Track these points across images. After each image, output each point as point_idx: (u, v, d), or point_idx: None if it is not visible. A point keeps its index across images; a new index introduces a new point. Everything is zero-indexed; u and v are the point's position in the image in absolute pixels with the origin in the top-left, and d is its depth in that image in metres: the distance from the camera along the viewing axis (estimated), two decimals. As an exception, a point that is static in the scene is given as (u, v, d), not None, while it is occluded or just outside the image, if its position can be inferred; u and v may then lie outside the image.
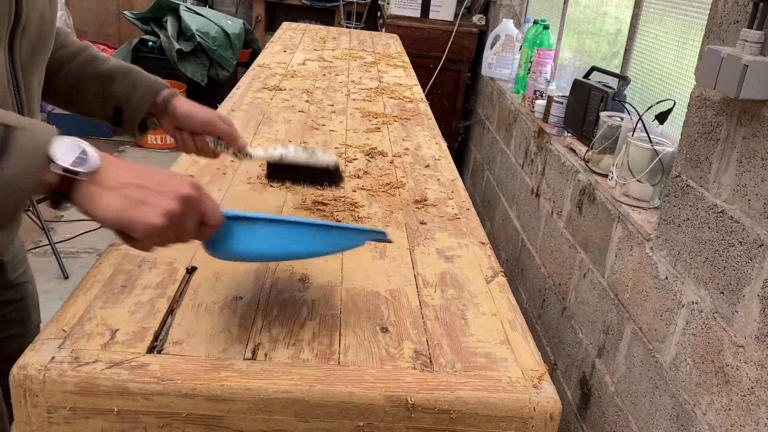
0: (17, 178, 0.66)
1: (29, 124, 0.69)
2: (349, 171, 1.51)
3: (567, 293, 2.00)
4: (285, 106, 1.96)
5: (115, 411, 0.80)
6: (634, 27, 2.10)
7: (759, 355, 1.11)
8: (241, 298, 0.98)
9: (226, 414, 0.81)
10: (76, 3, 4.85)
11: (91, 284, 0.97)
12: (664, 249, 1.44)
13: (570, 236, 2.03)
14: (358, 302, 1.00)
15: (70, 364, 0.80)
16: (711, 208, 1.28)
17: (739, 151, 1.21)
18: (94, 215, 0.71)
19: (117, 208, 0.70)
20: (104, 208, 0.70)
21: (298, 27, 3.42)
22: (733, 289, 1.20)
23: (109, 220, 0.71)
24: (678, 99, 1.67)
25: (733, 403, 1.17)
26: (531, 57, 2.63)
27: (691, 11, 1.75)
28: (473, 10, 3.98)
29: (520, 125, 2.71)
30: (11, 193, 0.66)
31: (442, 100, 3.87)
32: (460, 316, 1.00)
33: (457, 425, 0.83)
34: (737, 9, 1.26)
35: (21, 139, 0.66)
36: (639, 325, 1.52)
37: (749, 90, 1.13)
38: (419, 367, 0.87)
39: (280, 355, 0.86)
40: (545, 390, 0.86)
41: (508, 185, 2.86)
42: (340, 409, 0.82)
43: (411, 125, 1.91)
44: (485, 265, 1.16)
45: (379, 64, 2.70)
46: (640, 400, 1.49)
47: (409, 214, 1.32)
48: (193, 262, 1.05)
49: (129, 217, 0.71)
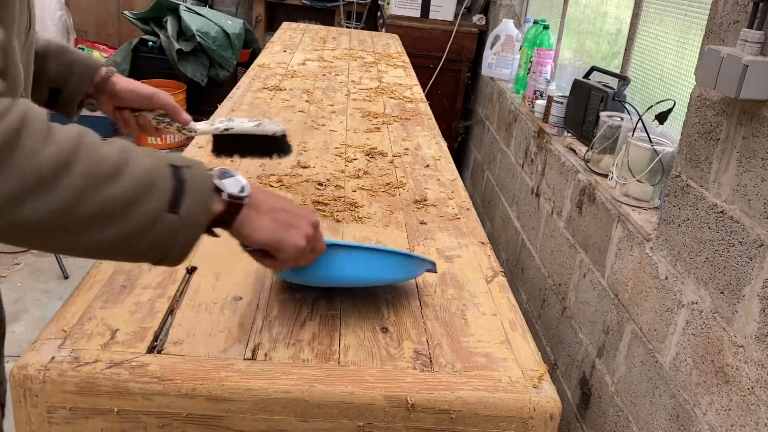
0: (197, 213, 0.69)
1: (184, 160, 0.71)
2: (349, 171, 1.51)
3: (567, 293, 2.00)
4: (285, 106, 1.96)
5: (115, 411, 0.80)
6: (634, 27, 2.09)
7: (759, 355, 1.11)
8: (241, 298, 0.98)
9: (226, 414, 0.81)
10: (76, 3, 4.85)
11: (91, 284, 0.97)
12: (664, 249, 1.44)
13: (570, 236, 2.03)
14: (358, 302, 1.00)
15: (70, 364, 0.80)
16: (711, 208, 1.28)
17: (739, 151, 1.21)
18: (252, 237, 0.76)
19: (273, 230, 0.77)
20: (262, 229, 0.77)
21: (298, 27, 3.42)
22: (733, 289, 1.20)
23: (264, 241, 0.77)
24: (678, 99, 1.67)
25: (733, 403, 1.17)
26: (531, 57, 2.63)
27: (691, 11, 1.75)
28: (473, 10, 3.98)
29: (520, 125, 2.71)
30: (193, 229, 0.69)
31: (442, 100, 3.87)
32: (460, 316, 1.00)
33: (457, 425, 0.83)
34: (737, 9, 1.26)
35: (190, 177, 0.69)
36: (639, 325, 1.52)
37: (749, 90, 1.13)
38: (419, 367, 0.87)
39: (280, 355, 0.86)
40: (545, 390, 0.86)
41: (508, 185, 2.86)
42: (340, 409, 0.82)
43: (411, 125, 1.91)
44: (485, 265, 1.16)
45: (379, 64, 2.70)
46: (640, 400, 1.49)
47: (409, 214, 1.32)
48: (193, 262, 1.05)
49: (280, 238, 0.78)
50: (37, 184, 0.58)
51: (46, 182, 0.59)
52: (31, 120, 0.59)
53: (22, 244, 0.63)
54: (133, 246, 0.66)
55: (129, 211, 0.64)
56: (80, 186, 0.60)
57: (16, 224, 0.59)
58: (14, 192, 0.57)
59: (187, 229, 0.68)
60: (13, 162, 0.57)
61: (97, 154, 0.62)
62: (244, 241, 0.78)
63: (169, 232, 0.67)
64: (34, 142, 0.58)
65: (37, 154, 0.58)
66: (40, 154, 0.58)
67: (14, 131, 0.57)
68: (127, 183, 0.63)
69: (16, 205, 0.58)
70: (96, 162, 0.62)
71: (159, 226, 0.66)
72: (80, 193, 0.60)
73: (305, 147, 1.64)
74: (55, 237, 0.62)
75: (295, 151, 1.59)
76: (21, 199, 0.58)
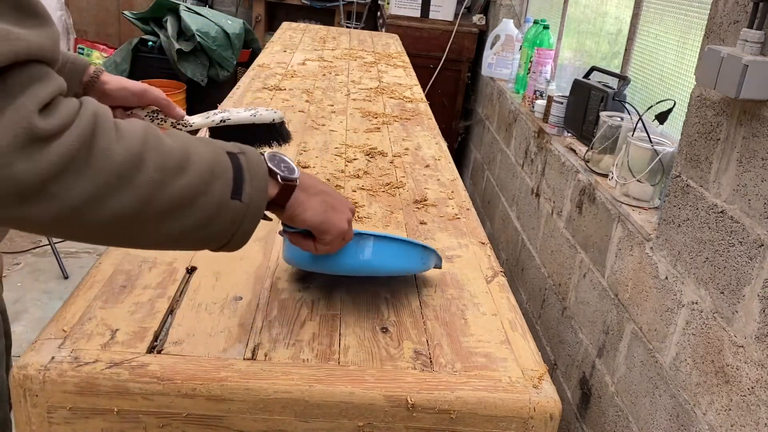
0: (257, 197, 0.70)
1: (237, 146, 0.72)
2: (349, 171, 1.51)
3: (567, 293, 2.00)
4: (285, 106, 1.96)
5: (115, 411, 0.80)
6: (634, 27, 2.09)
7: (759, 355, 1.11)
8: (241, 298, 0.98)
9: (226, 414, 0.81)
10: (76, 3, 4.85)
11: (91, 284, 0.97)
12: (664, 249, 1.44)
13: (570, 236, 2.03)
14: (358, 302, 1.00)
15: (70, 364, 0.80)
16: (711, 208, 1.28)
17: (739, 151, 1.21)
18: (302, 218, 0.79)
19: (322, 212, 0.80)
20: (313, 210, 0.79)
21: (298, 27, 3.42)
22: (733, 289, 1.20)
23: (312, 222, 0.79)
24: (678, 99, 1.67)
25: (733, 403, 1.17)
26: (531, 57, 2.63)
27: (691, 11, 1.74)
28: (473, 10, 3.98)
29: (520, 125, 2.71)
30: (255, 212, 0.70)
31: (442, 100, 3.87)
32: (460, 316, 1.00)
33: (457, 425, 0.83)
34: (737, 9, 1.26)
35: (247, 162, 0.70)
36: (639, 325, 1.52)
37: (749, 90, 1.13)
38: (419, 367, 0.87)
39: (280, 355, 0.86)
40: (545, 390, 0.86)
41: (508, 185, 2.86)
42: (340, 409, 0.82)
43: (411, 125, 1.91)
44: (485, 265, 1.16)
45: (379, 64, 2.70)
46: (640, 400, 1.49)
47: (409, 214, 1.32)
48: (193, 262, 1.05)
49: (328, 219, 0.81)
50: (116, 182, 0.59)
51: (123, 179, 0.59)
52: (102, 118, 0.60)
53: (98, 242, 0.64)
54: (201, 234, 0.67)
55: (198, 201, 0.65)
56: (155, 180, 0.61)
57: (98, 223, 0.60)
58: (96, 192, 0.58)
59: (250, 214, 0.70)
60: (91, 162, 0.57)
61: (164, 146, 0.63)
62: (292, 223, 0.80)
63: (234, 218, 0.68)
64: (108, 141, 0.59)
65: (111, 152, 0.59)
66: (115, 152, 0.59)
67: (90, 131, 0.58)
68: (194, 173, 0.64)
69: (99, 204, 0.59)
70: (165, 155, 0.63)
71: (225, 213, 0.67)
72: (155, 186, 0.61)
73: (305, 147, 1.64)
74: (130, 232, 0.63)
75: (295, 151, 1.59)
76: (102, 198, 0.58)
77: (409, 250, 0.99)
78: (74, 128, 0.57)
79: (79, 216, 0.58)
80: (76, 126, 0.57)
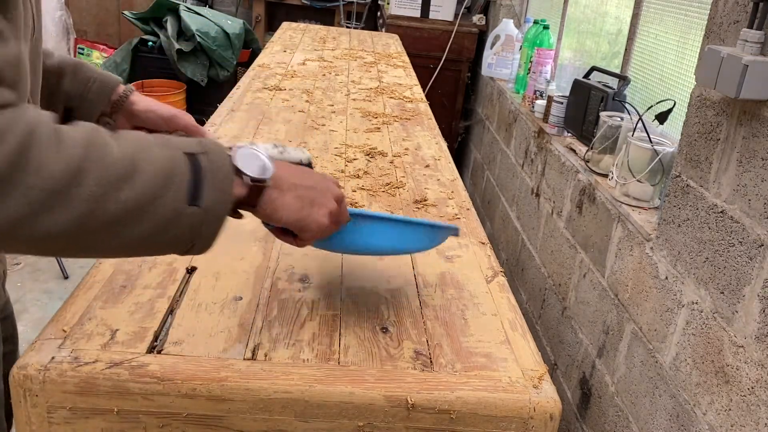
0: (218, 201, 0.67)
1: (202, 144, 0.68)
2: (349, 171, 1.51)
3: (567, 293, 2.00)
4: (285, 106, 1.96)
5: (115, 411, 0.80)
6: (634, 27, 2.09)
7: (759, 355, 1.11)
8: (241, 298, 0.98)
9: (226, 414, 0.81)
10: (76, 3, 4.85)
11: (91, 284, 0.97)
12: (664, 249, 1.44)
13: (570, 236, 2.03)
14: (358, 302, 1.00)
15: (70, 364, 0.80)
16: (711, 208, 1.28)
17: (739, 151, 1.21)
18: (276, 217, 0.75)
19: (297, 209, 0.76)
20: (286, 209, 0.75)
21: (298, 27, 3.42)
22: (733, 289, 1.20)
23: (288, 220, 0.76)
24: (678, 99, 1.67)
25: (733, 403, 1.17)
26: (531, 57, 2.63)
27: (691, 11, 1.74)
28: (473, 10, 3.98)
29: (520, 125, 2.71)
30: (216, 217, 0.67)
31: (442, 100, 3.87)
32: (460, 316, 1.00)
33: (457, 425, 0.83)
34: (737, 9, 1.26)
35: (208, 163, 0.66)
36: (639, 325, 1.52)
37: (749, 90, 1.13)
38: (419, 367, 0.87)
39: (280, 355, 0.86)
40: (545, 390, 0.86)
41: (508, 185, 2.86)
42: (340, 409, 0.82)
43: (411, 125, 1.91)
44: (485, 265, 1.16)
45: (379, 64, 2.70)
46: (640, 400, 1.49)
47: (409, 214, 1.32)
48: (193, 262, 1.05)
49: (304, 217, 0.76)
50: (50, 201, 0.57)
51: (58, 197, 0.57)
52: (38, 132, 0.57)
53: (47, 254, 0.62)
54: (159, 242, 0.65)
55: (149, 211, 0.62)
56: (94, 194, 0.59)
57: (33, 239, 0.58)
58: (27, 211, 0.56)
59: (210, 219, 0.66)
60: (22, 181, 0.55)
61: (108, 157, 0.60)
62: (268, 221, 0.77)
63: (191, 224, 0.65)
64: (43, 156, 0.56)
65: (46, 169, 0.56)
66: (50, 168, 0.56)
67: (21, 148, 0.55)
68: (142, 182, 0.61)
69: (32, 223, 0.57)
70: (108, 166, 0.60)
71: (182, 220, 0.64)
72: (95, 201, 0.59)
73: (305, 147, 1.64)
74: (77, 244, 0.61)
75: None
76: (35, 217, 0.56)
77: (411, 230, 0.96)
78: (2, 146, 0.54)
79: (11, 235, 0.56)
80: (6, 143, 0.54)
